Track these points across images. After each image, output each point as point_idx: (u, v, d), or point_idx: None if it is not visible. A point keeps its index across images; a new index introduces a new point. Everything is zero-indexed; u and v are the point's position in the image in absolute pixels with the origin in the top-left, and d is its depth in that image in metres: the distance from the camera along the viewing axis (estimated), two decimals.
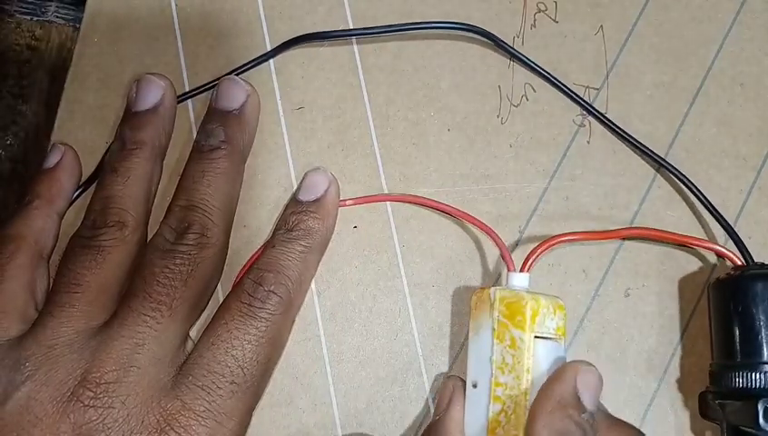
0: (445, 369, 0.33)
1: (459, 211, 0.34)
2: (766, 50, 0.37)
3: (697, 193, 0.34)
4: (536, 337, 0.29)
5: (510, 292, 0.30)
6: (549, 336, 0.29)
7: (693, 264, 0.34)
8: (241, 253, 0.34)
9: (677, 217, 0.35)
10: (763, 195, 0.35)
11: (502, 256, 0.32)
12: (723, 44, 0.37)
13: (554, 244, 0.32)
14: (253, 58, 0.36)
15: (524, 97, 0.36)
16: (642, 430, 0.32)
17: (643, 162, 0.36)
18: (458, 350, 0.33)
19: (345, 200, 0.35)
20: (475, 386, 0.30)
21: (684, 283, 0.34)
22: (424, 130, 0.36)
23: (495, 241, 0.33)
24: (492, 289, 0.30)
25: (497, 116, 0.36)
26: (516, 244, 0.35)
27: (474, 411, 0.29)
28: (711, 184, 0.35)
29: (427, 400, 0.33)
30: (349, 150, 0.36)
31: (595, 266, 0.34)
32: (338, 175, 0.35)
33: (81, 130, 0.36)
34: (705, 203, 0.34)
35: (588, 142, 0.36)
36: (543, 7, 0.37)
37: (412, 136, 0.36)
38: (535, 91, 0.36)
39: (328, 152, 0.36)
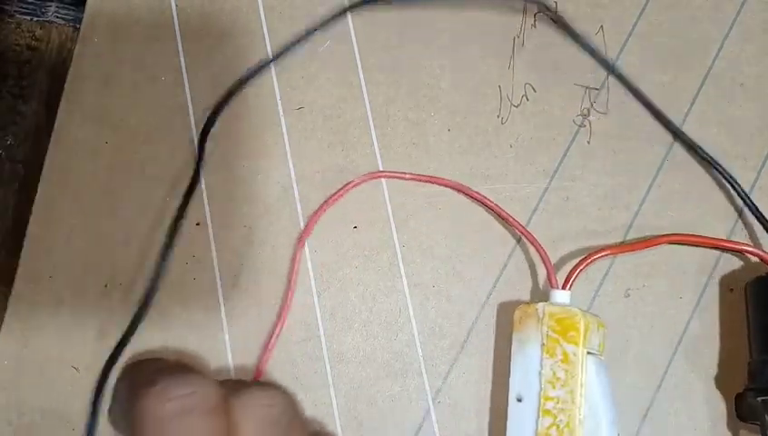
0: (445, 369, 0.33)
1: (517, 223, 0.34)
2: (766, 50, 0.37)
3: (730, 181, 0.34)
4: (587, 353, 0.30)
5: (559, 308, 0.30)
6: (595, 352, 0.30)
7: (693, 264, 0.34)
8: (241, 253, 0.34)
9: (677, 217, 0.35)
10: (764, 195, 0.35)
11: (547, 273, 0.32)
12: (723, 44, 0.37)
13: (594, 260, 0.33)
14: (306, 29, 0.36)
15: (524, 97, 0.36)
16: (642, 430, 0.32)
17: (643, 161, 0.36)
18: (459, 349, 0.33)
19: (404, 173, 0.35)
20: (520, 400, 0.30)
21: (685, 283, 0.34)
22: (424, 130, 0.36)
23: (542, 257, 0.33)
24: (540, 304, 0.30)
25: (497, 116, 0.36)
26: (517, 245, 0.35)
27: (519, 426, 0.30)
28: (711, 185, 0.35)
29: (427, 400, 0.33)
30: (349, 150, 0.36)
31: (596, 266, 0.34)
32: (338, 175, 0.35)
33: (81, 130, 0.36)
34: (741, 193, 0.34)
35: (588, 142, 0.36)
36: (543, 7, 0.37)
37: (412, 136, 0.36)
38: (535, 91, 0.36)
39: (328, 152, 0.36)
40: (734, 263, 0.34)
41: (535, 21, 0.37)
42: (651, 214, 0.35)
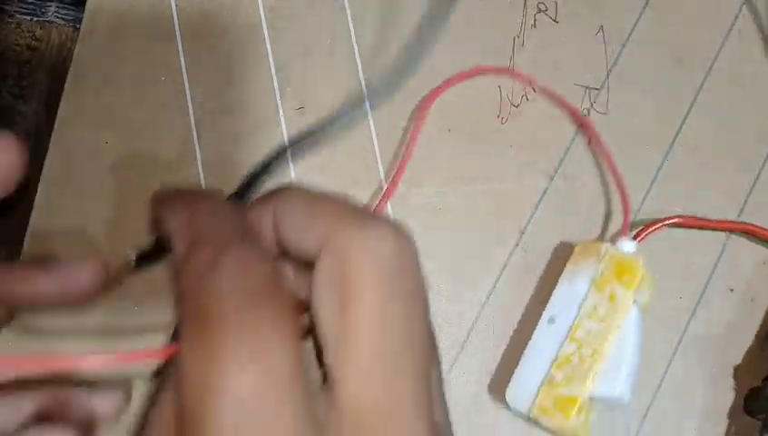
0: (445, 369, 0.33)
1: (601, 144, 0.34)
2: (766, 50, 0.37)
3: None
4: (633, 301, 0.30)
5: (622, 254, 0.31)
6: (641, 305, 0.31)
7: (693, 263, 0.34)
8: None
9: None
10: (764, 195, 0.35)
11: (624, 219, 0.33)
12: (724, 44, 0.37)
13: (668, 223, 0.34)
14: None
15: (524, 97, 0.36)
16: (642, 429, 0.32)
17: (643, 161, 0.36)
18: (459, 349, 0.33)
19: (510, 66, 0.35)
20: (552, 322, 0.31)
21: (686, 283, 0.34)
22: (424, 130, 0.36)
23: (622, 199, 0.33)
24: (605, 244, 0.31)
25: (498, 116, 0.36)
26: (517, 245, 0.35)
27: (542, 344, 0.31)
28: (711, 185, 0.35)
29: None
30: (348, 150, 0.36)
31: None
32: (338, 175, 0.35)
33: (81, 130, 0.36)
34: None
35: (588, 142, 0.36)
36: (543, 7, 0.37)
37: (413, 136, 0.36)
38: (535, 91, 0.36)
39: (328, 152, 0.36)
40: (734, 264, 0.34)
41: (535, 21, 0.37)
42: (651, 214, 0.35)
